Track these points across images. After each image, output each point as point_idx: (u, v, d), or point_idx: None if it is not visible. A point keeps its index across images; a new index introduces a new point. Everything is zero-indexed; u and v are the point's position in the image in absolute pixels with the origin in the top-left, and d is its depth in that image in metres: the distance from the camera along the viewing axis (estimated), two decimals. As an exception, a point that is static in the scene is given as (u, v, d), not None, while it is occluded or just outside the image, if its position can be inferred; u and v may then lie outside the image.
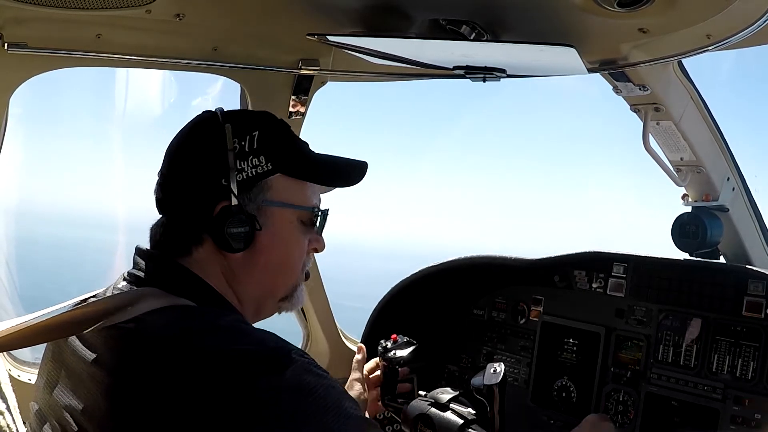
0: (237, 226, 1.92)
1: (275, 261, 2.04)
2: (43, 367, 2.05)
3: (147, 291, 1.89)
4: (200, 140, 1.99)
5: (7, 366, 3.09)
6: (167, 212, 2.02)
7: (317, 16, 2.62)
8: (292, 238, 2.07)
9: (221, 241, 1.93)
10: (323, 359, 4.16)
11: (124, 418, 1.68)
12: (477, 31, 2.49)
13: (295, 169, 2.04)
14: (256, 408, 1.61)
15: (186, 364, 1.67)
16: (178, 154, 2.02)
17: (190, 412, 1.61)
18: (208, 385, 1.63)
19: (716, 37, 2.39)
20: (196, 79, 3.29)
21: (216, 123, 1.98)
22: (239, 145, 1.94)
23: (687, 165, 3.44)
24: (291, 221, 2.05)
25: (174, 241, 1.98)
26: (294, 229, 2.06)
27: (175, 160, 2.02)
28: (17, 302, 4.06)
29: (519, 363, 3.96)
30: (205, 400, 1.62)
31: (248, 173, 1.95)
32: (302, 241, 2.10)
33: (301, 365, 1.71)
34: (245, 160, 1.94)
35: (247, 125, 1.99)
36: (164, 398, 1.64)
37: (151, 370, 1.68)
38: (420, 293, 4.15)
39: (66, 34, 2.65)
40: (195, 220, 1.95)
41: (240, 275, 2.01)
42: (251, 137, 1.96)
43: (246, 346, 1.72)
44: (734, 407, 3.17)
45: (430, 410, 2.94)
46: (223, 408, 1.60)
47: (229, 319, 1.87)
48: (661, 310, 3.47)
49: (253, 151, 1.95)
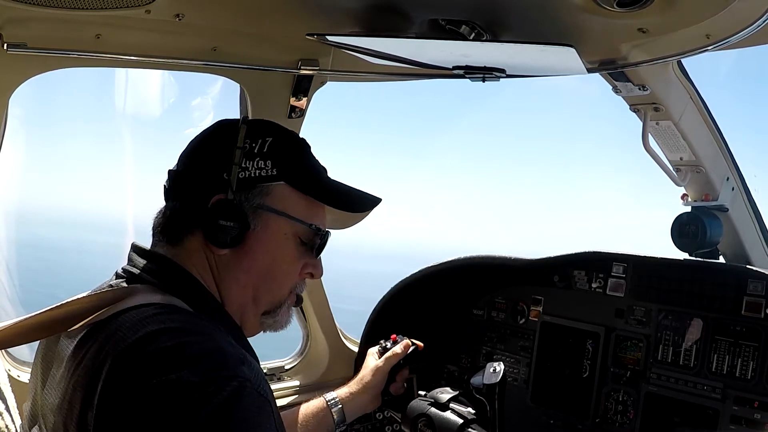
0: (227, 219, 1.94)
1: (260, 267, 2.04)
2: (34, 368, 2.06)
3: (137, 288, 1.90)
4: (215, 137, 2.06)
5: (7, 366, 3.08)
6: (170, 199, 2.05)
7: (317, 16, 2.62)
8: (284, 251, 2.07)
9: (210, 233, 1.95)
10: (323, 359, 4.16)
11: (81, 415, 1.68)
12: (476, 31, 2.49)
13: (301, 183, 2.05)
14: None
15: (128, 362, 1.66)
16: (192, 148, 2.08)
17: (133, 411, 1.60)
18: (134, 381, 1.63)
19: (716, 37, 2.39)
20: (195, 80, 3.30)
21: (235, 125, 2.03)
22: (249, 146, 1.98)
23: (686, 165, 3.44)
24: (285, 233, 2.05)
25: (169, 229, 2.01)
26: (287, 243, 2.07)
27: (187, 154, 2.08)
28: (17, 304, 4.07)
29: (518, 363, 3.96)
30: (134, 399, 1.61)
31: (251, 173, 1.97)
32: (295, 259, 2.09)
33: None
34: (251, 160, 1.97)
35: (263, 131, 2.04)
36: (117, 396, 1.63)
37: (111, 366, 1.67)
38: (420, 293, 4.15)
39: (65, 34, 2.65)
40: (191, 210, 1.98)
41: (223, 273, 2.01)
42: (263, 141, 2.00)
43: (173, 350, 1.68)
44: (734, 407, 3.17)
45: (430, 410, 2.94)
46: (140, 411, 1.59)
47: (186, 320, 1.82)
48: (660, 310, 3.47)
49: (261, 154, 1.98)
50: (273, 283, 2.08)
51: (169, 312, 1.82)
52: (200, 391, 1.59)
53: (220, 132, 2.07)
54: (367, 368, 3.14)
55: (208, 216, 1.94)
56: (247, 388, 1.64)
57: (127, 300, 1.83)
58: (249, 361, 1.74)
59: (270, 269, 2.06)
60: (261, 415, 1.66)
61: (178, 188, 2.04)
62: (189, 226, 1.99)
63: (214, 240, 1.95)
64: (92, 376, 1.69)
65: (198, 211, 1.96)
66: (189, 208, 1.99)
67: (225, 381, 1.62)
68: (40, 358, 2.03)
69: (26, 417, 2.01)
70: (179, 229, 1.99)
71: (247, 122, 2.05)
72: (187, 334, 1.73)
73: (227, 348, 1.74)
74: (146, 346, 1.68)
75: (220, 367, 1.66)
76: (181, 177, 2.04)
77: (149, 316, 1.78)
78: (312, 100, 3.42)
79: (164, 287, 1.90)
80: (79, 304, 1.87)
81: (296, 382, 4.09)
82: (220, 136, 2.04)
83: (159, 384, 1.60)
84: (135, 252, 2.03)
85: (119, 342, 1.71)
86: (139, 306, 1.81)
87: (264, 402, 1.69)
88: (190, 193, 2.00)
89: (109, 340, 1.73)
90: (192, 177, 2.02)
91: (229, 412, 1.59)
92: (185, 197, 2.01)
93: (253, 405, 1.65)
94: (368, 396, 3.08)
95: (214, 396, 1.59)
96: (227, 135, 2.01)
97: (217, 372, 1.64)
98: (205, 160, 2.01)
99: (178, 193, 2.03)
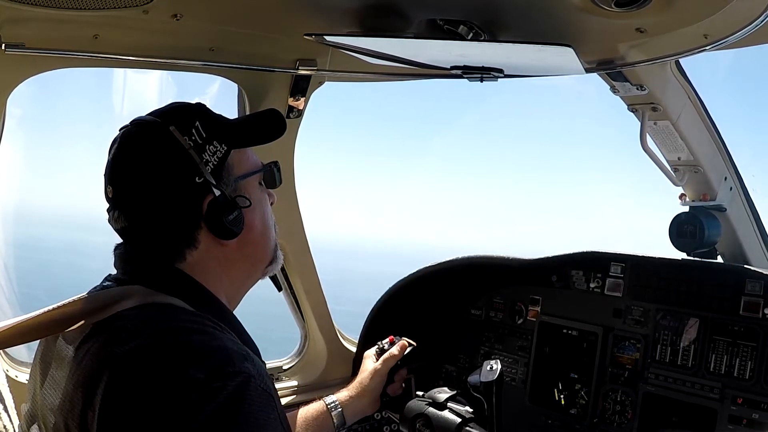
0: (230, 212, 1.95)
1: (260, 230, 2.09)
2: (33, 368, 2.07)
3: (134, 289, 1.90)
4: (153, 152, 1.94)
5: (5, 366, 3.08)
6: (140, 235, 1.96)
7: (315, 16, 2.62)
8: (262, 201, 2.12)
9: (222, 232, 1.95)
10: (321, 359, 4.16)
11: (82, 415, 1.69)
12: (474, 31, 2.49)
13: (239, 140, 2.06)
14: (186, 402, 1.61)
15: (133, 362, 1.68)
16: (135, 174, 1.94)
17: (139, 409, 1.62)
18: (151, 380, 1.64)
19: (713, 37, 2.39)
20: (193, 80, 3.29)
21: (157, 130, 1.95)
22: (192, 141, 1.93)
23: (684, 165, 3.45)
24: (254, 186, 2.08)
25: (160, 256, 1.96)
26: (260, 193, 2.11)
27: (134, 181, 1.94)
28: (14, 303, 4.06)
29: (517, 363, 3.96)
30: (148, 395, 1.63)
31: (213, 162, 1.95)
32: (266, 201, 2.14)
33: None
34: (204, 151, 1.94)
35: (185, 120, 1.97)
36: (122, 394, 1.65)
37: (115, 366, 1.69)
38: (418, 293, 4.15)
39: (63, 34, 2.65)
40: (183, 226, 1.94)
41: (237, 260, 2.04)
42: (196, 129, 1.96)
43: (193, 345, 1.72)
44: (732, 407, 3.17)
45: (428, 410, 2.95)
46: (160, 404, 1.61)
47: (188, 318, 1.84)
48: (658, 310, 3.47)
49: (204, 140, 1.95)
50: (270, 234, 2.15)
51: (170, 311, 1.83)
52: (206, 386, 1.61)
53: (150, 143, 1.94)
54: (365, 371, 3.15)
55: (210, 220, 1.93)
56: (251, 384, 1.67)
57: (126, 301, 1.84)
58: (252, 357, 1.76)
59: (266, 224, 2.12)
60: (266, 409, 1.68)
61: (148, 220, 1.93)
62: (189, 240, 1.95)
63: (230, 235, 1.96)
64: (93, 376, 1.70)
65: (193, 223, 1.94)
66: (179, 227, 1.94)
67: (230, 377, 1.64)
68: (39, 358, 2.03)
69: (24, 417, 2.01)
70: (177, 248, 1.95)
71: (168, 121, 1.95)
72: (190, 333, 1.75)
73: (230, 345, 1.75)
74: (150, 345, 1.70)
75: (224, 364, 1.67)
76: (144, 207, 1.93)
77: (151, 316, 1.80)
78: (310, 100, 3.42)
79: (161, 288, 1.90)
80: (77, 305, 1.88)
81: (294, 382, 4.09)
82: (156, 147, 1.93)
83: (165, 381, 1.62)
84: (121, 258, 2.02)
85: (122, 342, 1.71)
86: (139, 306, 1.82)
87: (268, 397, 1.71)
88: (173, 214, 1.93)
89: (111, 341, 1.74)
90: (163, 200, 1.92)
91: (235, 406, 1.61)
92: (167, 222, 1.94)
93: (258, 400, 1.67)
94: (367, 399, 3.09)
95: (220, 391, 1.61)
96: (161, 142, 1.92)
97: (222, 368, 1.66)
98: (165, 177, 1.91)
99: (154, 224, 1.94)
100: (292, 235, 3.78)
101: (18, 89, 2.79)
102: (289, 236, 3.74)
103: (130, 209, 1.94)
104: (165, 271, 1.95)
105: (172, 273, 1.95)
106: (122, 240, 2.01)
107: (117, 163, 1.96)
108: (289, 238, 3.74)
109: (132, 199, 1.94)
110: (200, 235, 1.95)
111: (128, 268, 1.98)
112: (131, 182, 1.94)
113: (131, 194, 1.94)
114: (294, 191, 3.69)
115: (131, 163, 1.95)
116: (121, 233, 1.99)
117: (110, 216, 1.98)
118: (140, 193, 1.93)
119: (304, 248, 3.89)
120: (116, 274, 2.01)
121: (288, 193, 3.62)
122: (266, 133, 2.16)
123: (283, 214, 3.33)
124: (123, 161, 1.96)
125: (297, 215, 3.78)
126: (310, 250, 3.92)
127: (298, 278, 3.92)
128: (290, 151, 3.55)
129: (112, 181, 1.95)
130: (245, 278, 2.12)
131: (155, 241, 1.96)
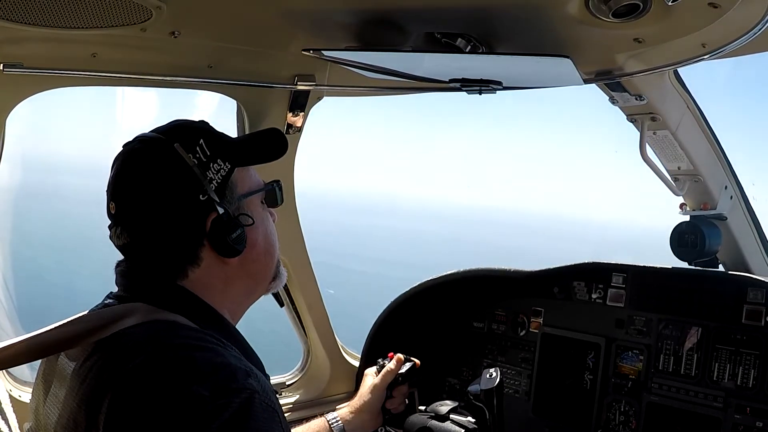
0: (234, 230, 1.94)
1: (263, 247, 2.08)
2: (35, 387, 2.06)
3: (137, 306, 1.89)
4: (157, 168, 1.93)
5: (8, 386, 3.08)
6: (143, 251, 1.96)
7: (313, 32, 2.62)
8: (265, 219, 2.11)
9: (225, 250, 1.94)
10: (324, 374, 4.15)
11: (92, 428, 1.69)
12: (472, 44, 2.50)
13: (243, 158, 2.05)
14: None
15: (137, 380, 1.68)
16: (139, 190, 1.93)
17: (144, 427, 1.62)
18: (155, 393, 1.64)
19: (711, 46, 2.40)
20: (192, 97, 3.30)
21: (161, 147, 1.94)
22: (196, 159, 1.93)
23: (685, 174, 3.45)
24: (257, 205, 2.08)
25: (162, 273, 1.96)
26: (263, 211, 2.10)
27: (137, 198, 1.93)
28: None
29: (520, 375, 3.96)
30: (153, 407, 1.63)
31: (217, 180, 1.94)
32: (268, 219, 2.14)
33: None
34: (208, 169, 1.93)
35: (189, 137, 1.96)
36: (126, 413, 1.65)
37: (118, 384, 1.68)
38: (419, 307, 4.15)
39: (62, 53, 2.66)
40: (187, 243, 1.93)
41: (239, 277, 2.04)
42: (200, 147, 1.95)
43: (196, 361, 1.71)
44: (736, 416, 3.17)
45: (431, 422, 2.95)
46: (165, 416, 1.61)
47: (191, 335, 1.83)
48: (660, 320, 3.47)
49: (209, 158, 1.94)
50: (274, 251, 2.14)
51: (173, 328, 1.83)
52: (212, 403, 1.60)
53: (154, 161, 1.93)
54: (365, 387, 3.16)
55: (213, 238, 1.92)
56: (256, 400, 1.66)
57: (128, 318, 1.83)
58: (255, 373, 1.76)
59: (270, 242, 2.11)
60: (271, 425, 1.68)
61: (151, 237, 1.93)
62: (191, 258, 1.95)
63: (232, 252, 1.96)
64: (97, 394, 1.70)
65: (197, 241, 1.93)
66: (183, 244, 1.94)
67: (235, 393, 1.64)
68: (41, 376, 2.03)
69: None
70: (180, 266, 1.95)
71: (172, 138, 1.95)
72: (193, 350, 1.74)
73: (234, 362, 1.75)
74: (154, 363, 1.69)
75: (229, 380, 1.67)
76: (148, 224, 1.92)
77: (154, 333, 1.79)
78: (309, 115, 3.43)
79: (164, 305, 1.89)
80: (79, 323, 1.87)
81: (298, 397, 4.08)
82: (160, 164, 1.92)
83: (169, 399, 1.62)
84: (122, 275, 2.01)
85: (125, 360, 1.71)
86: (142, 323, 1.82)
87: (273, 413, 1.71)
88: (176, 232, 1.92)
89: (114, 359, 1.74)
90: (166, 217, 1.91)
91: (240, 423, 1.61)
92: (170, 239, 1.93)
93: (263, 416, 1.66)
94: (368, 414, 3.09)
95: (225, 408, 1.60)
96: (166, 159, 1.92)
97: (227, 385, 1.66)
98: (169, 194, 1.91)
99: (157, 241, 1.93)
100: (293, 249, 3.78)
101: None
102: (290, 251, 3.74)
103: (132, 225, 1.93)
104: (167, 288, 1.94)
105: (174, 290, 1.93)
106: (124, 257, 2.00)
107: (120, 179, 1.95)
108: (290, 253, 3.74)
109: (135, 216, 1.93)
110: (203, 252, 1.94)
111: (130, 285, 1.97)
112: (135, 198, 1.93)
113: (134, 210, 1.93)
114: (294, 206, 3.70)
115: (135, 179, 1.94)
116: (123, 250, 1.98)
117: (112, 232, 1.96)
118: (144, 209, 1.91)
119: (305, 263, 3.89)
120: (118, 291, 2.00)
121: (288, 207, 3.63)
122: (270, 151, 2.16)
123: (283, 229, 3.33)
124: (126, 177, 1.95)
125: (297, 230, 3.78)
126: (311, 264, 3.91)
127: (299, 293, 3.92)
128: (290, 166, 3.55)
129: (115, 197, 1.94)
130: (248, 295, 2.12)
131: (158, 258, 1.95)
